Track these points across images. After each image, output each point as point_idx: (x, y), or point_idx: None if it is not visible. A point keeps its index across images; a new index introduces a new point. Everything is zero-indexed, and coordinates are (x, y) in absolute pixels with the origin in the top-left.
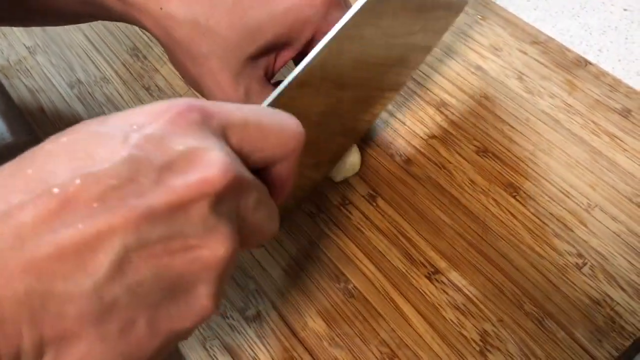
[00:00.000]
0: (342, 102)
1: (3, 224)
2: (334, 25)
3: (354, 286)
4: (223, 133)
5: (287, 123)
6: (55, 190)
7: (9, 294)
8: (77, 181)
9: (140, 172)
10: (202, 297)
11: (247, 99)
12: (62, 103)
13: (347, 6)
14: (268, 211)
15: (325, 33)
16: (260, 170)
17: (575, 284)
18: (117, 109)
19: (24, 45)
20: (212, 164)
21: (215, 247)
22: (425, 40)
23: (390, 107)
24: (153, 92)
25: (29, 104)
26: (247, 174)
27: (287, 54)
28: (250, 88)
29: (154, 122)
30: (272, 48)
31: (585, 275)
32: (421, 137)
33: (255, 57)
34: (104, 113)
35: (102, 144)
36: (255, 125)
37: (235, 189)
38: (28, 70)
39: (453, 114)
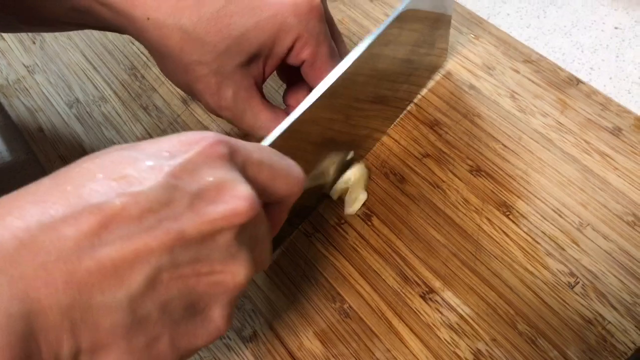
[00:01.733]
0: (334, 135)
1: (47, 237)
2: (313, 33)
3: (350, 306)
4: (243, 169)
5: (293, 170)
6: (97, 208)
7: (54, 304)
8: (117, 201)
9: (176, 197)
10: (217, 318)
11: (236, 104)
12: (60, 122)
13: (327, 18)
14: (269, 242)
15: (304, 42)
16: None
17: (567, 303)
18: (116, 128)
19: (23, 64)
20: (240, 196)
21: (236, 272)
22: (409, 88)
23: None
24: (151, 112)
25: (27, 123)
26: (262, 208)
27: (272, 62)
28: (240, 95)
29: (185, 152)
30: (259, 55)
31: (578, 294)
32: (415, 156)
33: (244, 64)
34: (102, 133)
35: (137, 167)
36: (268, 166)
37: (255, 221)
38: (27, 89)
39: (447, 132)
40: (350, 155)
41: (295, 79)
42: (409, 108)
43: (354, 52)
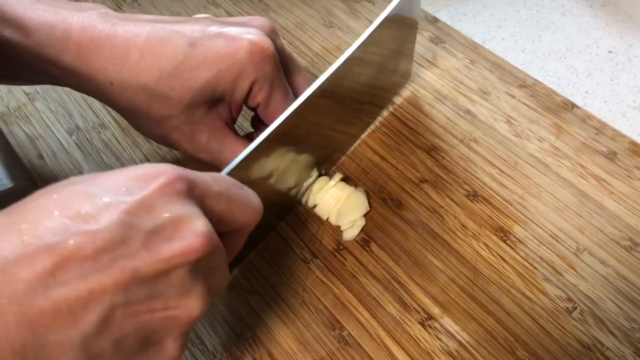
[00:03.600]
0: (301, 152)
1: (0, 280)
2: (268, 79)
3: (349, 333)
4: (201, 202)
5: (251, 200)
6: (51, 248)
7: (7, 346)
8: (71, 240)
9: (131, 235)
10: (171, 349)
11: (212, 145)
12: (60, 149)
13: (283, 55)
14: (225, 269)
15: (260, 86)
16: (220, 234)
17: (565, 329)
18: (115, 155)
19: (24, 91)
20: (196, 232)
21: (190, 307)
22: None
23: (381, 151)
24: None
25: (27, 150)
26: (218, 240)
27: (236, 105)
28: (214, 136)
29: (143, 187)
30: (223, 100)
31: (576, 320)
32: (413, 181)
33: (211, 109)
34: (102, 160)
35: (93, 203)
36: (227, 198)
37: (210, 254)
38: (27, 116)
39: (444, 157)
40: (314, 173)
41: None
42: (373, 126)
43: (331, 68)
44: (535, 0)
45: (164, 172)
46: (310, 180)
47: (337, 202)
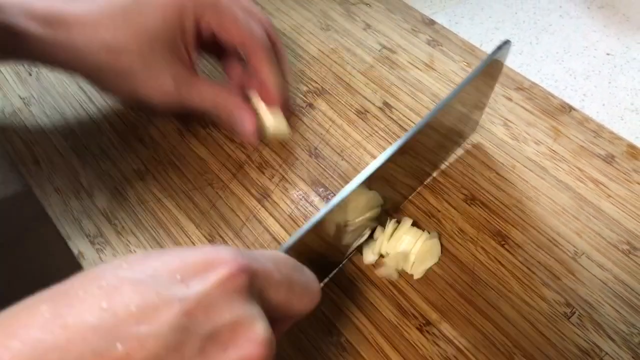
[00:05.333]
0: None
1: None
2: (207, 5)
3: (347, 339)
4: (260, 293)
5: (312, 287)
6: (98, 355)
7: None
8: (119, 346)
9: (186, 341)
10: None
11: (179, 88)
12: (56, 155)
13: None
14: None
15: (207, 18)
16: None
17: (564, 334)
18: (112, 160)
19: (19, 96)
20: (256, 340)
21: None
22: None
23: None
24: (147, 144)
25: (23, 155)
26: (274, 343)
27: (190, 45)
28: (178, 77)
29: (201, 280)
30: (177, 41)
31: (574, 325)
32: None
33: (169, 53)
34: (98, 165)
35: (145, 298)
36: (286, 287)
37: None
38: (22, 121)
39: (441, 161)
40: (367, 232)
41: (222, 52)
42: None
43: (395, 144)
44: (533, 2)
45: (225, 261)
46: (363, 239)
47: (411, 251)
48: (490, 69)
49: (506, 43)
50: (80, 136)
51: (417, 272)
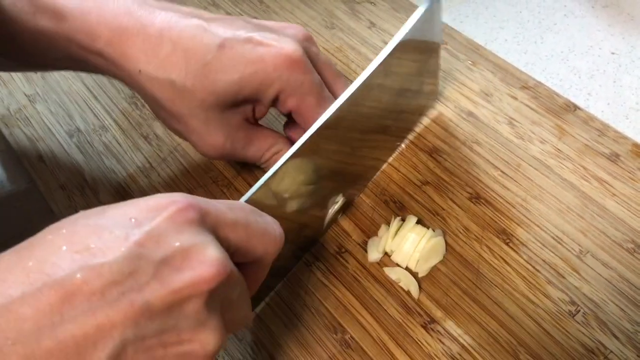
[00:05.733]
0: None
1: (4, 319)
2: (296, 86)
3: (351, 337)
4: (215, 230)
5: (271, 228)
6: (58, 284)
7: None
8: (79, 275)
9: (140, 267)
10: None
11: (231, 144)
12: (61, 151)
13: (319, 63)
14: (246, 302)
15: (287, 94)
16: (239, 264)
17: (569, 332)
18: (116, 157)
19: (24, 93)
20: (208, 261)
21: (205, 341)
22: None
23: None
24: (152, 141)
25: (28, 152)
26: (235, 270)
27: (260, 109)
28: (232, 136)
29: (153, 217)
30: (246, 103)
31: (579, 323)
32: (415, 184)
33: (231, 110)
34: (102, 162)
35: (101, 237)
36: (243, 226)
37: (226, 284)
38: (28, 118)
39: (446, 160)
40: (339, 199)
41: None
42: (400, 148)
43: (341, 97)
44: (537, 1)
45: (174, 201)
46: (336, 206)
47: (416, 249)
48: (425, 29)
49: (433, 1)
50: (85, 133)
51: (422, 270)
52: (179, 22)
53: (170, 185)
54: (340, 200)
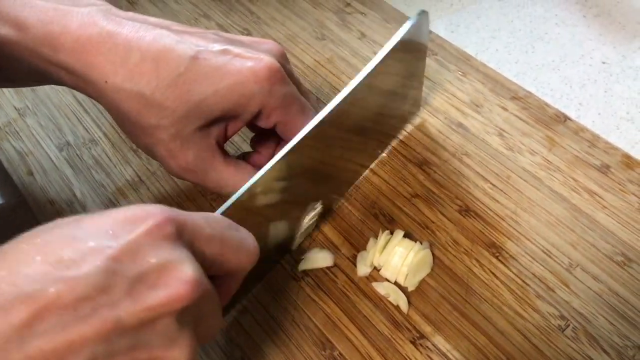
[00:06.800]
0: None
1: None
2: (278, 97)
3: (340, 353)
4: (191, 244)
5: (246, 243)
6: (29, 297)
7: None
8: (52, 289)
9: (114, 283)
10: None
11: (198, 165)
12: (50, 166)
13: (291, 81)
14: (218, 314)
15: (271, 107)
16: (212, 277)
17: (558, 347)
18: (105, 171)
19: (14, 106)
20: (183, 279)
21: (177, 357)
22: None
23: (373, 165)
24: (141, 154)
25: (17, 166)
26: (209, 285)
27: (236, 125)
28: (201, 156)
29: (130, 231)
30: (221, 119)
31: (568, 338)
32: (404, 196)
33: (203, 127)
34: (92, 176)
35: (76, 249)
36: (219, 240)
37: (200, 301)
38: (17, 132)
39: (435, 172)
40: (318, 206)
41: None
42: (380, 157)
43: (326, 107)
44: (529, 10)
45: (152, 214)
46: (314, 212)
47: (404, 263)
48: (413, 40)
49: (421, 14)
50: (75, 147)
51: (411, 284)
52: (148, 31)
53: (159, 199)
54: (318, 207)
